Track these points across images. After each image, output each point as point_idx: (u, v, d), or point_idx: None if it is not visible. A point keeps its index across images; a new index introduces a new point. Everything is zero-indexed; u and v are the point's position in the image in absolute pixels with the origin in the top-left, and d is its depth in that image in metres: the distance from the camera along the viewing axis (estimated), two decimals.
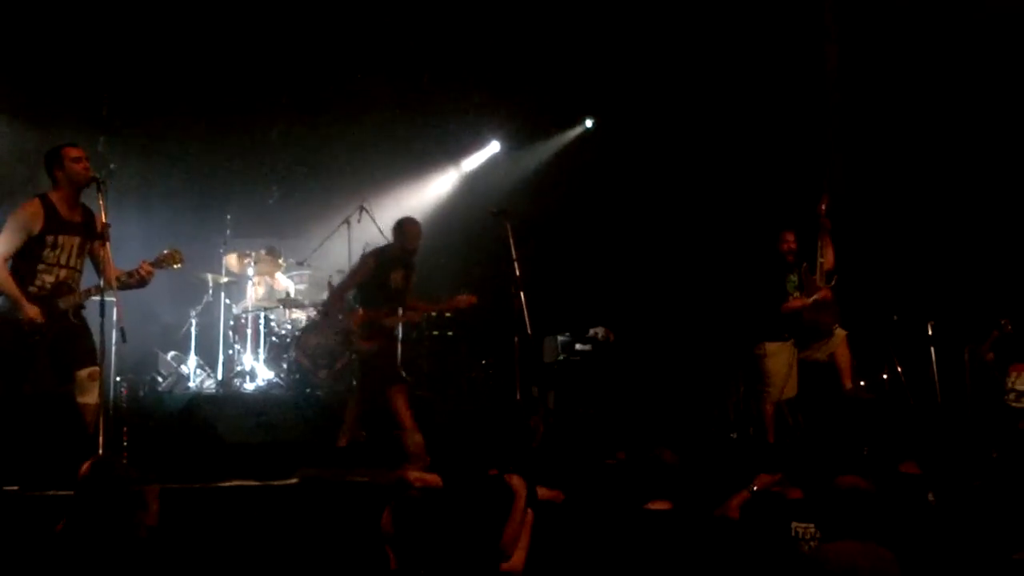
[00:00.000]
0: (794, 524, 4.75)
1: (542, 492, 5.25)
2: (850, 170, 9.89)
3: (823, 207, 7.88)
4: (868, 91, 9.73)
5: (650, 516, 4.44)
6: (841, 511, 4.18)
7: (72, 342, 5.71)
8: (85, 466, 4.01)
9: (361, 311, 7.39)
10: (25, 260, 5.66)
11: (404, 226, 7.51)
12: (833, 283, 7.82)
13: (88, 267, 5.92)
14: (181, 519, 5.19)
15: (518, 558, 4.77)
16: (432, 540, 4.73)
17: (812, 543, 4.64)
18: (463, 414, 8.30)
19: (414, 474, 5.17)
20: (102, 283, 5.69)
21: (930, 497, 5.17)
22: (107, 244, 5.59)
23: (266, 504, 5.57)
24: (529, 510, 4.92)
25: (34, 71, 8.83)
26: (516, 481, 4.94)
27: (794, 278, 7.86)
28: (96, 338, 5.63)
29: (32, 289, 5.64)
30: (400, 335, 7.36)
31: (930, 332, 8.51)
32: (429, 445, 5.44)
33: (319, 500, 5.63)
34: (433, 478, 5.15)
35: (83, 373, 5.67)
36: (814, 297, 7.73)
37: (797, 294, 7.82)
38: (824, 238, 7.85)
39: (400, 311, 7.35)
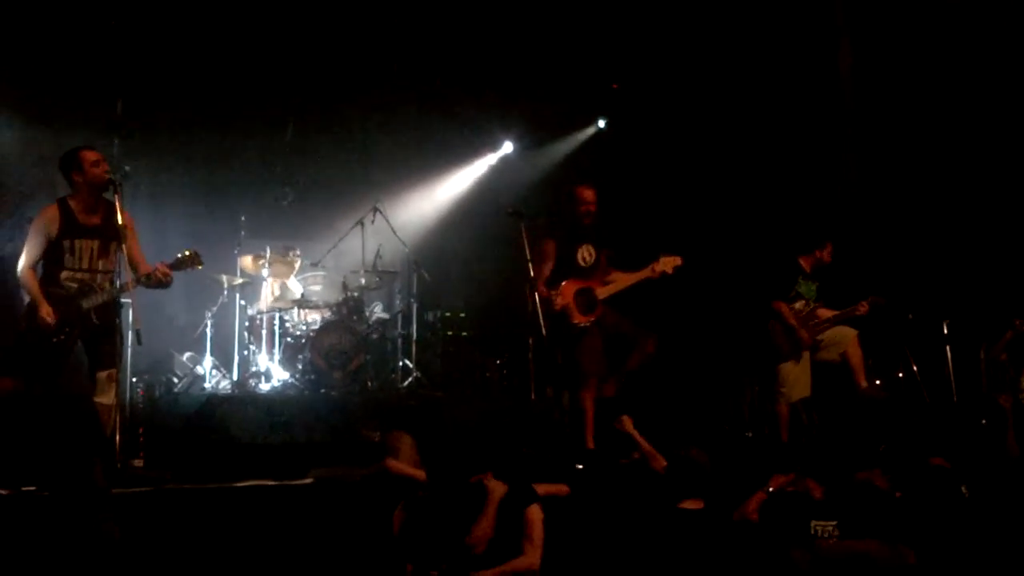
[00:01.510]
0: (814, 523, 4.75)
1: (545, 488, 5.22)
2: (865, 168, 9.85)
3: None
4: (882, 90, 9.69)
5: (682, 515, 4.43)
6: (858, 506, 4.19)
7: (94, 344, 5.78)
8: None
9: (567, 282, 6.61)
10: (49, 265, 5.79)
11: (573, 191, 6.75)
12: (813, 336, 7.67)
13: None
14: (197, 519, 5.24)
15: (534, 556, 4.76)
16: (442, 540, 4.75)
17: (831, 540, 4.65)
18: (477, 414, 8.29)
19: (395, 465, 5.23)
20: (118, 283, 5.75)
21: (964, 491, 5.15)
22: (124, 245, 5.64)
23: (281, 504, 5.60)
24: (538, 507, 4.91)
25: (48, 74, 8.86)
26: (492, 483, 4.94)
27: (812, 285, 7.81)
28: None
29: (60, 292, 5.71)
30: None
31: (945, 331, 8.47)
32: (438, 448, 5.48)
33: (333, 500, 5.65)
34: (419, 473, 5.16)
35: (103, 374, 5.72)
36: (793, 322, 7.63)
37: (801, 304, 7.74)
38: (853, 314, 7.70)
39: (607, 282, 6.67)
